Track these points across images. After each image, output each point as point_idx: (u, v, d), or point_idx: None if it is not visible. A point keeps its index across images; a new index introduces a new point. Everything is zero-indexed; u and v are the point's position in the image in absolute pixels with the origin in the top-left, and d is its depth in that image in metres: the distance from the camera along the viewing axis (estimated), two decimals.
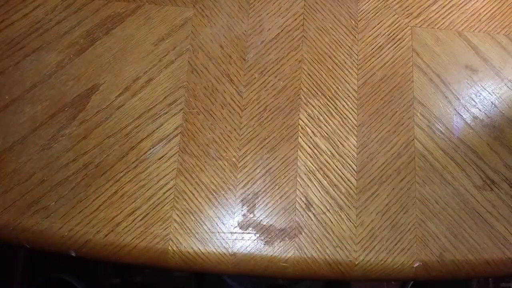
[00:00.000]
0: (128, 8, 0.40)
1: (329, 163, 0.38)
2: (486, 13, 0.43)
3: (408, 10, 0.42)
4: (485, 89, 0.41)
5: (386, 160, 0.38)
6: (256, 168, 0.38)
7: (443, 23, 0.42)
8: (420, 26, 0.42)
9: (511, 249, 0.37)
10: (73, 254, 0.35)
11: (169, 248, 0.36)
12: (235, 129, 0.38)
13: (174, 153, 0.37)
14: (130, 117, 0.38)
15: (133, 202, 0.36)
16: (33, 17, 0.40)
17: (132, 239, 0.35)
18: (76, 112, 0.38)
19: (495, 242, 0.37)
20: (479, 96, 0.41)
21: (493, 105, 0.41)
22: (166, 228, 0.36)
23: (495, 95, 0.41)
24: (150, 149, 0.37)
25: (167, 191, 0.37)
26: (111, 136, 0.37)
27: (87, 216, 0.36)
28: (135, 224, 0.36)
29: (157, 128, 0.38)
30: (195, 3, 0.41)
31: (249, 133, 0.38)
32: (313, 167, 0.38)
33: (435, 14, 0.42)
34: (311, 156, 0.38)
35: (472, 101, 0.40)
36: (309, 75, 0.40)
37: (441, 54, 0.41)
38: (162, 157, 0.37)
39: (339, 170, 0.38)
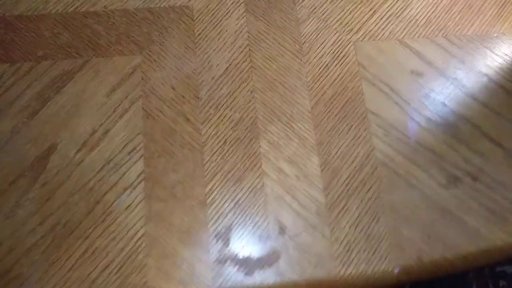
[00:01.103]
0: (75, 65, 0.42)
1: (295, 186, 0.40)
2: (423, 19, 0.46)
3: (348, 26, 0.45)
4: (433, 90, 0.43)
5: (350, 173, 0.40)
6: (224, 202, 0.39)
7: (383, 34, 0.45)
8: (361, 40, 0.45)
9: (485, 241, 0.39)
10: None
11: None
12: (198, 167, 0.39)
13: (141, 200, 0.38)
14: (91, 172, 0.39)
15: (105, 256, 0.37)
16: None
17: None
18: (37, 174, 0.38)
19: (468, 236, 0.39)
20: (429, 98, 0.43)
21: (443, 105, 0.43)
22: (143, 277, 0.36)
23: (443, 94, 0.43)
24: (116, 200, 0.38)
25: (138, 239, 0.37)
26: (75, 193, 0.38)
27: (62, 278, 0.36)
28: (111, 278, 0.36)
29: (120, 178, 0.39)
30: (141, 50, 0.43)
31: (212, 168, 0.40)
32: (281, 192, 0.39)
33: (375, 26, 0.45)
34: (277, 182, 0.39)
35: (422, 104, 0.43)
36: (263, 103, 0.42)
37: (385, 63, 0.44)
38: (129, 206, 0.38)
39: (306, 190, 0.39)
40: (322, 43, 0.44)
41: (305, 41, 0.44)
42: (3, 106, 0.40)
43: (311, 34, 0.45)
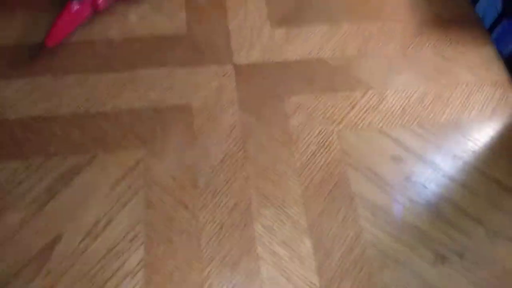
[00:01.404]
0: (84, 160, 0.45)
1: (289, 268, 0.41)
2: (398, 110, 0.51)
3: (331, 118, 0.50)
4: (413, 173, 0.46)
5: (341, 254, 0.42)
6: (221, 287, 0.40)
7: (363, 124, 0.49)
8: (344, 130, 0.48)
9: None
10: None
11: None
12: (195, 252, 0.41)
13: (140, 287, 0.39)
14: (94, 260, 0.40)
15: None
16: None
17: None
18: (41, 264, 0.40)
19: None
20: (409, 181, 0.46)
21: (423, 187, 0.46)
22: None
23: (422, 177, 0.46)
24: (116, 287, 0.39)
25: None
26: (77, 281, 0.39)
27: None
28: None
29: (121, 266, 0.40)
30: (145, 144, 0.46)
31: (209, 253, 0.41)
32: (276, 274, 0.41)
33: (355, 118, 0.50)
34: (272, 265, 0.41)
35: (404, 187, 0.46)
36: (257, 189, 0.44)
37: (367, 150, 0.48)
38: None
39: (301, 272, 0.41)
40: (308, 134, 0.49)
41: (293, 132, 0.49)
42: (14, 200, 0.43)
43: (298, 126, 0.49)
